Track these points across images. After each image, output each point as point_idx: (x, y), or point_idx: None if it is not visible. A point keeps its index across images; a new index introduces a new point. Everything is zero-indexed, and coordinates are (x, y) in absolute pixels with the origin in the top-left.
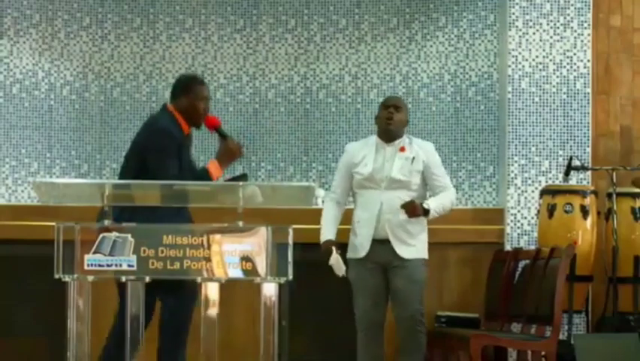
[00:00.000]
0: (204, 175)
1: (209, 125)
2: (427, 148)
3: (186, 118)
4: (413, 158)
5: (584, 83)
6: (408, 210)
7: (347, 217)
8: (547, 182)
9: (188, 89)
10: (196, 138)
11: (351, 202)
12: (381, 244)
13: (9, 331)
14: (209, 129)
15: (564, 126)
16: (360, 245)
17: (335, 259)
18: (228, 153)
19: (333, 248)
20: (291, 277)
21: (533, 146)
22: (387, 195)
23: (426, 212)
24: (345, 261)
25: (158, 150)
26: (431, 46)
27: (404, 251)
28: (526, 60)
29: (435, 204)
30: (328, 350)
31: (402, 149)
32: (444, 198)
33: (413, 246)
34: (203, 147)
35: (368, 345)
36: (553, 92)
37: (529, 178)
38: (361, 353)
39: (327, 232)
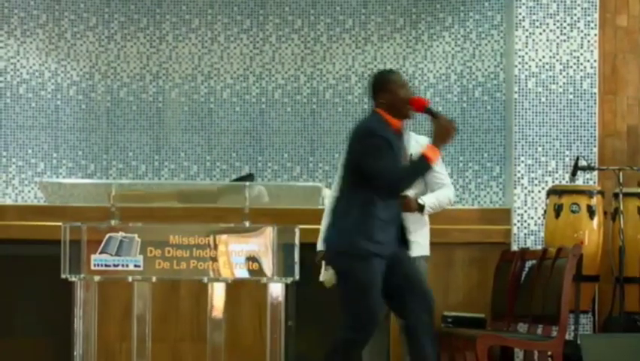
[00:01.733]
0: (421, 161)
1: (417, 107)
2: (424, 143)
3: (394, 113)
4: (411, 155)
5: (591, 83)
6: (401, 205)
7: None
8: (553, 182)
9: (384, 84)
10: None
11: None
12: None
13: (15, 330)
14: (418, 111)
15: (571, 126)
16: None
17: (324, 276)
18: (443, 132)
19: (323, 264)
20: (297, 277)
21: (540, 146)
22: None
23: (421, 208)
24: None
25: (369, 151)
26: (437, 46)
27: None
28: (533, 60)
29: (430, 200)
30: None
31: None
32: (440, 195)
33: (415, 242)
34: None
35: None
36: (560, 93)
37: (536, 178)
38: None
39: (321, 242)
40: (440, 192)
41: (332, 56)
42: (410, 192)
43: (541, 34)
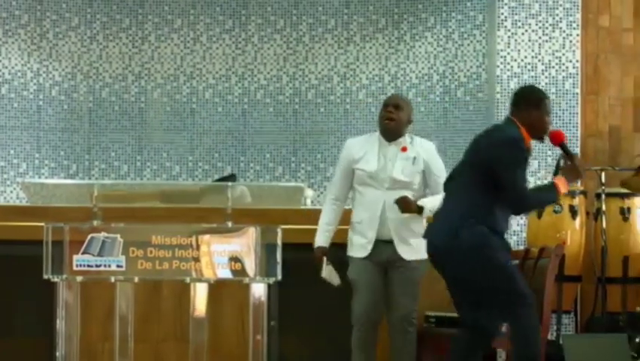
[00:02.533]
0: (551, 188)
1: (555, 140)
2: (428, 148)
3: (530, 131)
4: (414, 158)
5: (573, 84)
6: (401, 206)
7: (346, 216)
8: (536, 182)
9: (539, 103)
10: None
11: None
12: (383, 243)
13: None
14: (553, 143)
15: (553, 126)
16: (363, 245)
17: (327, 272)
18: (575, 171)
19: (324, 260)
20: (280, 277)
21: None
22: (389, 195)
23: (420, 210)
24: (343, 260)
25: (510, 161)
26: (420, 46)
27: (405, 252)
28: (515, 60)
29: (430, 203)
30: (318, 350)
31: (403, 149)
32: (440, 199)
33: (414, 246)
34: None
35: (364, 343)
36: None
37: None
38: (356, 351)
39: (321, 237)
40: (439, 196)
41: (314, 56)
42: (409, 194)
43: (523, 34)
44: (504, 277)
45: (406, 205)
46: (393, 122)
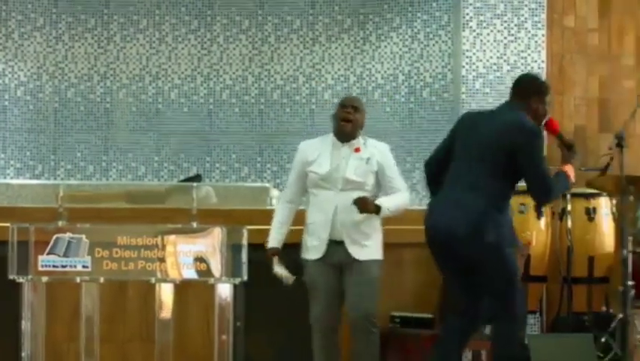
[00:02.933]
0: (566, 177)
1: (551, 129)
2: (381, 149)
3: (532, 119)
4: (368, 158)
5: None
6: (359, 206)
7: (300, 218)
8: None
9: (543, 92)
10: None
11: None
12: (336, 244)
13: None
14: (550, 132)
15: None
16: (315, 247)
17: (278, 269)
18: (573, 157)
19: (274, 259)
20: (245, 277)
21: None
22: (342, 196)
23: (377, 209)
24: (298, 261)
25: (538, 152)
26: (385, 46)
27: (358, 252)
28: (480, 61)
29: (387, 203)
30: (284, 350)
31: (356, 149)
32: (397, 198)
33: (367, 247)
34: None
35: (324, 347)
36: (508, 93)
37: None
38: (317, 354)
39: (273, 238)
40: (397, 196)
41: (280, 56)
42: (366, 195)
43: (488, 34)
44: (514, 279)
45: (364, 205)
46: (350, 124)
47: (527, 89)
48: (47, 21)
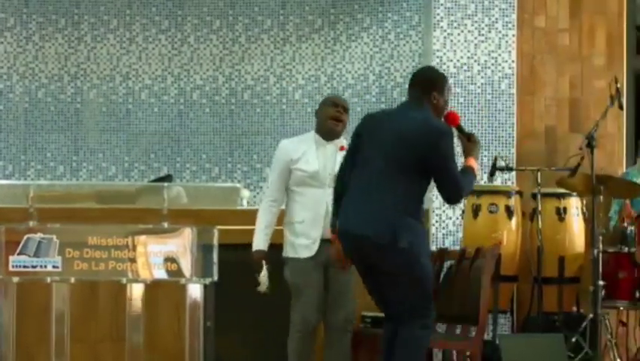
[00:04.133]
0: (471, 171)
1: (451, 121)
2: None
3: (434, 114)
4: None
5: (509, 84)
6: None
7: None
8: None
9: (443, 85)
10: None
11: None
12: (324, 243)
13: None
14: (450, 125)
15: (489, 127)
16: (307, 246)
17: (265, 276)
18: (477, 149)
19: (264, 263)
20: (216, 277)
21: (457, 146)
22: (330, 193)
23: None
24: (279, 260)
25: (449, 153)
26: (356, 47)
27: None
28: (451, 61)
29: None
30: (255, 351)
31: (342, 148)
32: None
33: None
34: None
35: (303, 347)
36: (478, 93)
37: None
38: (295, 354)
39: (260, 240)
40: None
41: (250, 56)
42: None
43: (459, 34)
44: (427, 286)
45: None
46: (341, 124)
47: (426, 85)
48: (18, 21)
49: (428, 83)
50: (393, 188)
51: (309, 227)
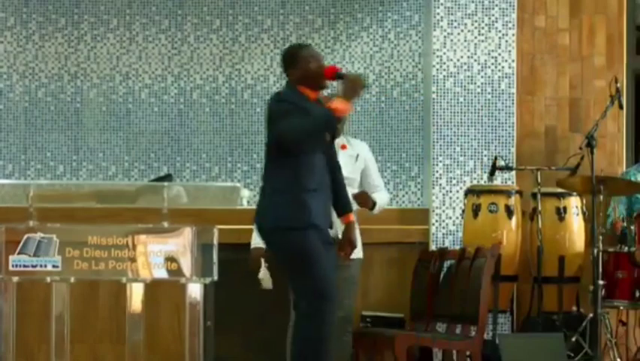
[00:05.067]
0: (322, 112)
1: (330, 76)
2: (364, 147)
3: (308, 84)
4: (357, 155)
5: (509, 84)
6: (360, 200)
7: None
8: (471, 182)
9: (293, 60)
10: None
11: None
12: None
13: None
14: (330, 78)
15: (489, 126)
16: None
17: (264, 273)
18: (351, 84)
19: (262, 261)
20: (216, 277)
21: (458, 146)
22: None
23: (373, 205)
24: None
25: (274, 116)
26: (356, 46)
27: None
28: (451, 60)
29: (380, 200)
30: (254, 350)
31: (343, 147)
32: (383, 197)
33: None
34: None
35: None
36: (478, 93)
37: (454, 178)
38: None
39: (258, 238)
40: (382, 194)
41: (250, 56)
42: (352, 192)
43: (459, 34)
44: (300, 265)
45: (363, 200)
46: (343, 122)
47: (283, 67)
48: (18, 20)
49: (283, 65)
50: (265, 173)
51: None
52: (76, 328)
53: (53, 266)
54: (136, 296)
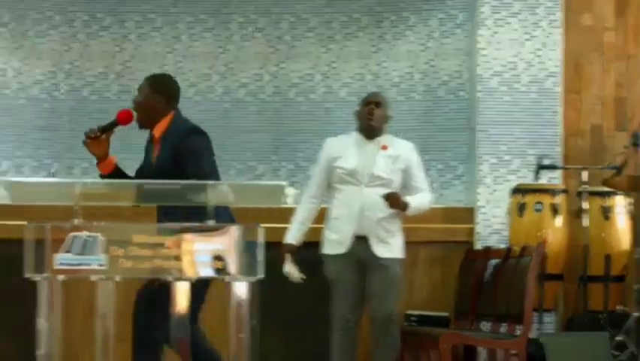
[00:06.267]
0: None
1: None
2: (408, 148)
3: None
4: (397, 156)
5: (555, 82)
6: (390, 201)
7: (321, 215)
8: (517, 181)
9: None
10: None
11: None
12: (360, 241)
13: None
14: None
15: (534, 125)
16: (340, 241)
17: (289, 267)
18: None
19: (288, 256)
20: (261, 275)
21: (503, 145)
22: (367, 191)
23: (405, 207)
24: (316, 258)
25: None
26: (401, 45)
27: (382, 250)
28: (497, 59)
29: (414, 201)
30: (299, 349)
31: (384, 147)
32: (422, 198)
33: (390, 245)
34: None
35: (344, 344)
36: (524, 91)
37: (500, 177)
38: (337, 351)
39: (291, 234)
40: (422, 195)
41: (296, 54)
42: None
43: (504, 33)
44: None
45: (394, 201)
46: (374, 120)
47: None
48: (63, 19)
49: None
50: None
51: (342, 223)
52: (121, 326)
53: (99, 265)
54: (181, 295)
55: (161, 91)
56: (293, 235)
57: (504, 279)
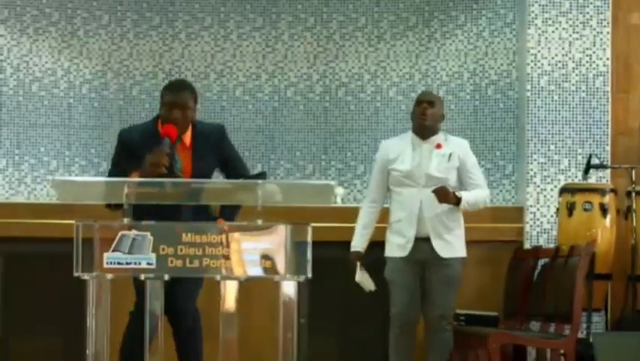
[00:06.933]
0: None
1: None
2: (462, 145)
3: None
4: (450, 155)
5: (604, 82)
6: (439, 195)
7: (383, 215)
8: (566, 180)
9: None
10: None
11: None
12: (421, 241)
13: (27, 329)
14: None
15: (583, 125)
16: (402, 245)
17: (360, 276)
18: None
19: (358, 264)
20: (310, 275)
21: (552, 144)
22: (425, 192)
23: (458, 201)
24: (380, 261)
25: None
26: (450, 44)
27: (443, 250)
28: (545, 58)
29: (467, 196)
30: (347, 348)
31: (438, 146)
32: (477, 193)
33: (451, 244)
34: None
35: (402, 342)
36: (573, 91)
37: (549, 176)
38: (394, 349)
39: (357, 241)
40: (477, 191)
41: (345, 54)
42: (449, 188)
43: (553, 32)
44: None
45: (443, 195)
46: (428, 119)
47: None
48: (112, 19)
49: None
50: None
51: (404, 226)
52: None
53: (147, 263)
54: (230, 294)
55: (196, 101)
56: (358, 242)
57: (553, 279)
